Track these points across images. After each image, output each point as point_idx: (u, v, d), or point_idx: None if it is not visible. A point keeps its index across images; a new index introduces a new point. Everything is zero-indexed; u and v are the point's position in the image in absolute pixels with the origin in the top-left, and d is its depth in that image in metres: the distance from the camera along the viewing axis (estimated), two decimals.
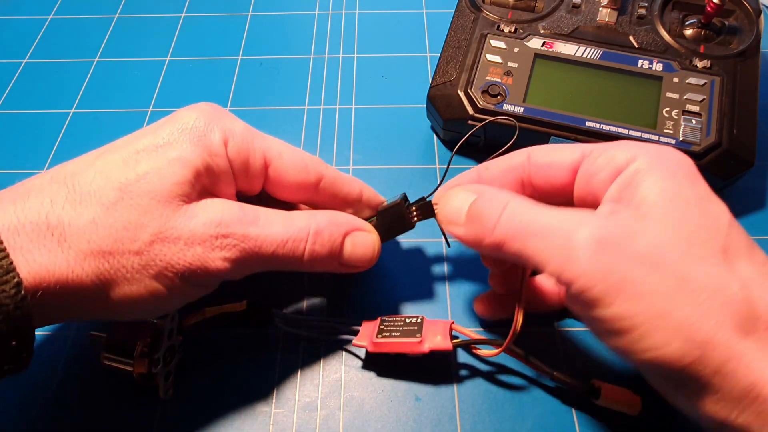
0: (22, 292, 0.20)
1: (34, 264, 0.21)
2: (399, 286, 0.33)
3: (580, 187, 0.25)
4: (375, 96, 0.43)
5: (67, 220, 0.22)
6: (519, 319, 0.26)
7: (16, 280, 0.20)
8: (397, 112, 0.42)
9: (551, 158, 0.26)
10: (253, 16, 0.50)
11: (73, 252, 0.22)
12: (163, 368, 0.28)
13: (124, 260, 0.23)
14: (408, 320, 0.29)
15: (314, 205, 0.30)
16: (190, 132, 0.25)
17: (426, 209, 0.29)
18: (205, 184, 0.25)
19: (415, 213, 0.29)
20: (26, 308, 0.20)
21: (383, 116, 0.42)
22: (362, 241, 0.28)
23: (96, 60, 0.47)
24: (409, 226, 0.29)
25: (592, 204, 0.24)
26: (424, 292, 0.33)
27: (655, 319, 0.20)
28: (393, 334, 0.28)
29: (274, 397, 0.29)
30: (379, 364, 0.30)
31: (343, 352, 0.30)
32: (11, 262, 0.20)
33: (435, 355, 0.28)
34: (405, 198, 0.30)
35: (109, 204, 0.23)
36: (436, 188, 0.29)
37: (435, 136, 0.41)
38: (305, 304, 0.32)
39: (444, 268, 0.34)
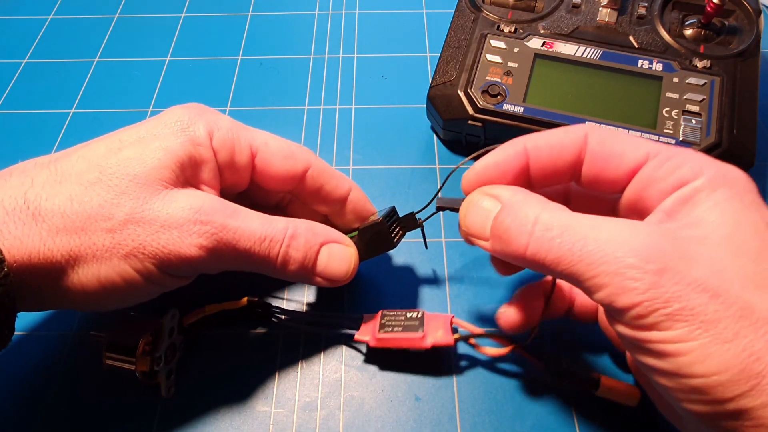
0: (5, 269, 0.21)
1: (9, 236, 0.22)
2: (397, 281, 0.33)
3: (635, 190, 0.23)
4: (375, 96, 0.43)
5: (45, 197, 0.23)
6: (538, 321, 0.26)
7: None
8: (397, 112, 0.42)
9: (612, 149, 0.23)
10: (253, 16, 0.50)
11: (47, 226, 0.22)
12: (165, 366, 0.28)
13: (95, 237, 0.23)
14: (409, 315, 0.29)
15: (302, 200, 0.30)
16: (174, 125, 0.26)
17: (409, 222, 0.28)
18: (188, 175, 0.25)
19: (398, 231, 0.28)
20: (9, 285, 0.21)
21: (383, 116, 0.42)
22: (339, 253, 0.27)
23: (96, 60, 0.47)
24: (389, 246, 0.28)
25: (641, 209, 0.23)
26: (423, 286, 0.33)
27: (712, 345, 0.19)
28: (395, 329, 0.28)
29: (274, 397, 0.29)
30: (379, 362, 0.30)
31: (343, 352, 0.30)
32: None
33: (436, 350, 0.28)
34: (391, 213, 0.29)
35: (87, 183, 0.23)
36: (428, 204, 0.28)
37: (435, 136, 0.41)
38: (305, 300, 0.32)
39: (443, 261, 0.34)
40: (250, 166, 0.28)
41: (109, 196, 0.23)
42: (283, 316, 0.31)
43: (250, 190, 0.30)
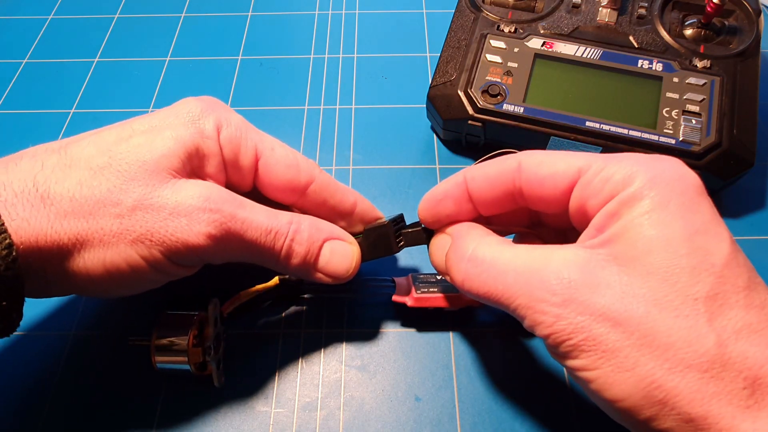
0: (14, 253, 0.21)
1: (17, 218, 0.22)
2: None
3: (575, 207, 0.23)
4: (375, 96, 0.43)
5: (54, 180, 0.23)
6: None
7: (7, 241, 0.20)
8: (397, 112, 0.42)
9: (544, 172, 0.23)
10: (253, 16, 0.50)
11: (54, 209, 0.22)
12: (214, 356, 0.28)
13: (103, 222, 0.23)
14: (439, 277, 0.30)
15: (305, 212, 0.29)
16: (185, 116, 0.26)
17: (416, 238, 0.28)
18: (194, 166, 0.25)
19: (402, 238, 0.28)
20: (17, 269, 0.21)
21: (383, 116, 0.42)
22: (341, 250, 0.27)
23: (96, 60, 0.47)
24: (391, 251, 0.28)
25: (587, 225, 0.23)
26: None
27: (614, 374, 0.19)
28: (431, 289, 0.29)
29: (274, 397, 0.29)
30: (380, 361, 0.30)
31: (343, 351, 0.30)
32: (2, 223, 0.21)
33: (467, 312, 0.30)
34: (399, 220, 0.29)
35: (97, 168, 0.23)
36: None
37: (435, 136, 0.41)
38: None
39: None
40: (253, 169, 0.27)
41: (118, 181, 0.23)
42: (316, 291, 0.31)
43: (252, 197, 0.29)
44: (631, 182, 0.21)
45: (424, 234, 0.28)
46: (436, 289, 0.29)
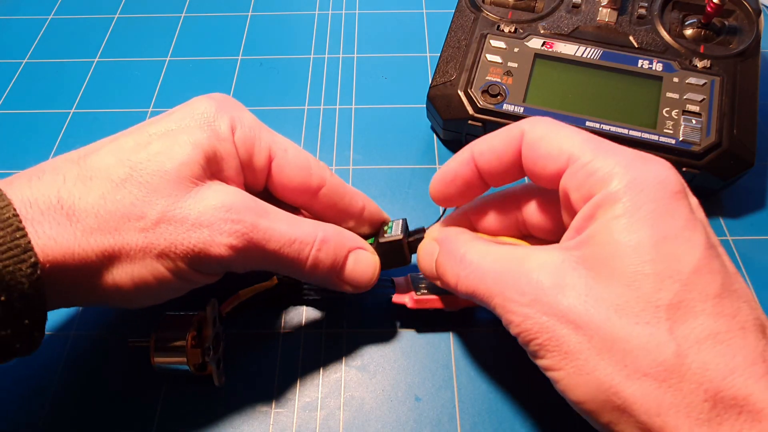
0: (38, 272, 0.20)
1: (43, 236, 0.21)
2: None
3: (562, 195, 0.23)
4: (375, 96, 0.43)
5: (78, 195, 0.23)
6: None
7: (33, 260, 0.20)
8: (397, 112, 0.42)
9: (540, 151, 0.23)
10: (253, 16, 0.50)
11: (81, 226, 0.22)
12: (214, 356, 0.28)
13: (128, 237, 0.23)
14: None
15: (314, 213, 0.29)
16: (199, 118, 0.26)
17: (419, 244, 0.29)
18: (213, 170, 0.25)
19: (410, 247, 0.29)
20: (41, 287, 0.21)
21: (383, 116, 0.42)
22: (365, 260, 0.28)
23: (96, 60, 0.47)
24: (405, 262, 0.29)
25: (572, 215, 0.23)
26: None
27: (575, 376, 0.19)
28: (430, 290, 0.29)
29: (274, 397, 0.29)
30: (380, 361, 0.30)
31: (344, 351, 0.30)
32: (29, 242, 0.20)
33: (466, 313, 0.30)
34: (405, 228, 0.29)
35: (118, 181, 0.23)
36: (438, 219, 0.30)
37: (435, 136, 0.41)
38: None
39: None
40: (266, 169, 0.27)
41: (140, 193, 0.23)
42: (314, 291, 0.31)
43: (264, 195, 0.29)
44: (609, 182, 0.20)
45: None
46: (435, 290, 0.29)
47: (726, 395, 0.17)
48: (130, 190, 0.23)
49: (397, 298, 0.30)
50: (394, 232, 0.29)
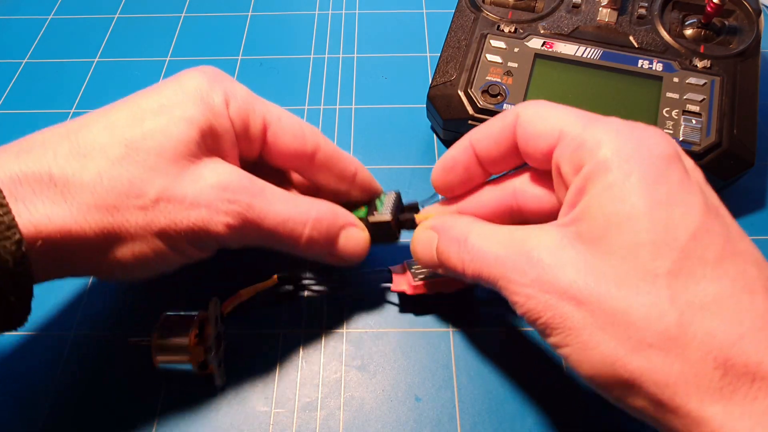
0: (23, 249, 0.20)
1: (36, 214, 0.21)
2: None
3: (554, 173, 0.23)
4: (375, 96, 0.43)
5: (71, 172, 0.22)
6: None
7: (17, 236, 0.20)
8: (397, 112, 0.42)
9: (532, 130, 0.23)
10: (253, 16, 0.50)
11: (77, 204, 0.22)
12: (215, 356, 0.28)
13: (128, 215, 0.23)
14: None
15: (308, 177, 0.30)
16: (193, 92, 0.25)
17: (412, 225, 0.29)
18: (209, 145, 0.25)
19: (400, 225, 0.30)
20: (26, 264, 0.21)
21: (383, 116, 0.42)
22: (355, 236, 0.28)
23: (96, 60, 0.47)
24: (393, 240, 0.30)
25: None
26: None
27: (581, 352, 0.19)
28: (428, 275, 0.30)
29: (274, 397, 0.29)
30: (380, 361, 0.30)
31: (343, 351, 0.30)
32: (13, 218, 0.20)
33: (464, 299, 0.31)
34: (397, 203, 0.30)
35: (115, 159, 0.23)
36: (430, 196, 0.30)
37: (435, 136, 0.41)
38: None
39: None
40: (261, 139, 0.28)
41: (137, 171, 0.23)
42: (314, 287, 0.32)
43: (258, 163, 0.30)
44: (597, 151, 0.20)
45: (416, 223, 0.29)
46: (431, 275, 0.30)
47: (737, 362, 0.17)
48: (127, 168, 0.23)
49: (396, 287, 0.30)
50: (385, 209, 0.30)
